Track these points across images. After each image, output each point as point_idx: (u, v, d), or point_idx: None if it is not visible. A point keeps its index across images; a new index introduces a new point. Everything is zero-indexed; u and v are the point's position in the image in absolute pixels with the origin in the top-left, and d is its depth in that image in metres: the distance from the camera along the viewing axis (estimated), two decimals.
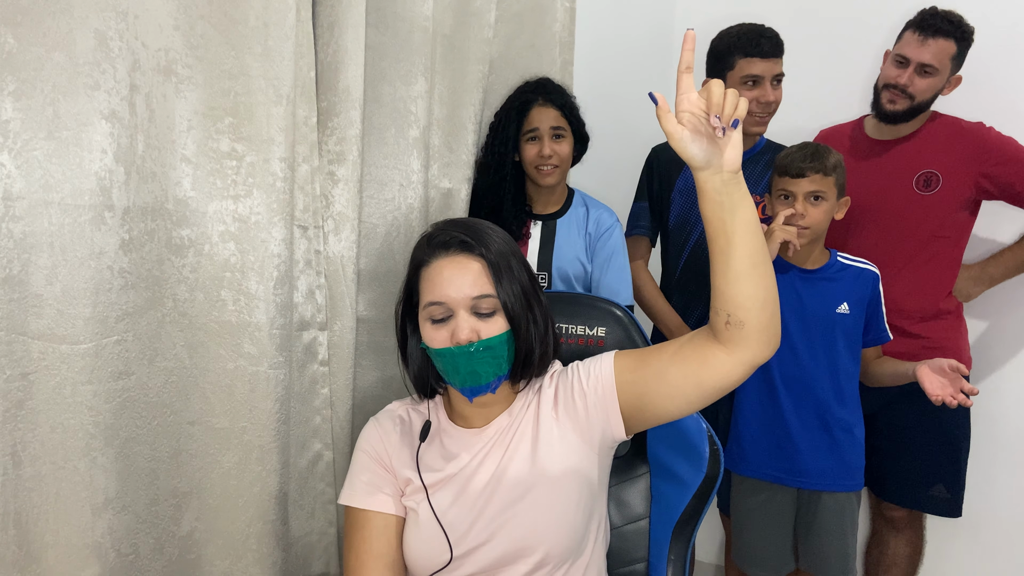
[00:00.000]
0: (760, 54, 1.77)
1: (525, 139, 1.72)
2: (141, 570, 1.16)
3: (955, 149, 1.86)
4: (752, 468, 1.72)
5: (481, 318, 1.08)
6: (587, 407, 1.11)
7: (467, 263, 1.09)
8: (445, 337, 1.08)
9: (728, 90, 0.90)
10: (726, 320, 0.99)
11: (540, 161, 1.71)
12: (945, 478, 1.89)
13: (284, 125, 1.21)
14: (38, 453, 1.03)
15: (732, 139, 0.94)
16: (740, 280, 0.97)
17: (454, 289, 1.08)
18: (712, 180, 0.95)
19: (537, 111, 1.71)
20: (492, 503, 1.08)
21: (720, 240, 0.98)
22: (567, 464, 1.09)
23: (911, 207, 1.87)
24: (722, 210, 0.96)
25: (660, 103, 0.94)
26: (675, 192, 1.95)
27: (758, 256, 0.97)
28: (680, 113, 0.94)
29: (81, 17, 1.00)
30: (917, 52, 1.79)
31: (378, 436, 1.18)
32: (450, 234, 1.11)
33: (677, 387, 1.05)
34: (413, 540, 1.10)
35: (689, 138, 0.94)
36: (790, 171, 1.62)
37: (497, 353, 1.08)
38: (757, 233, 0.97)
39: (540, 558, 1.06)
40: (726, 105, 0.89)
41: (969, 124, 1.88)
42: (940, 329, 1.90)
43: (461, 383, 1.09)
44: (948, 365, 1.52)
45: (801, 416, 1.66)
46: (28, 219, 0.98)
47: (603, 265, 1.76)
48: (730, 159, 0.94)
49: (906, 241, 1.88)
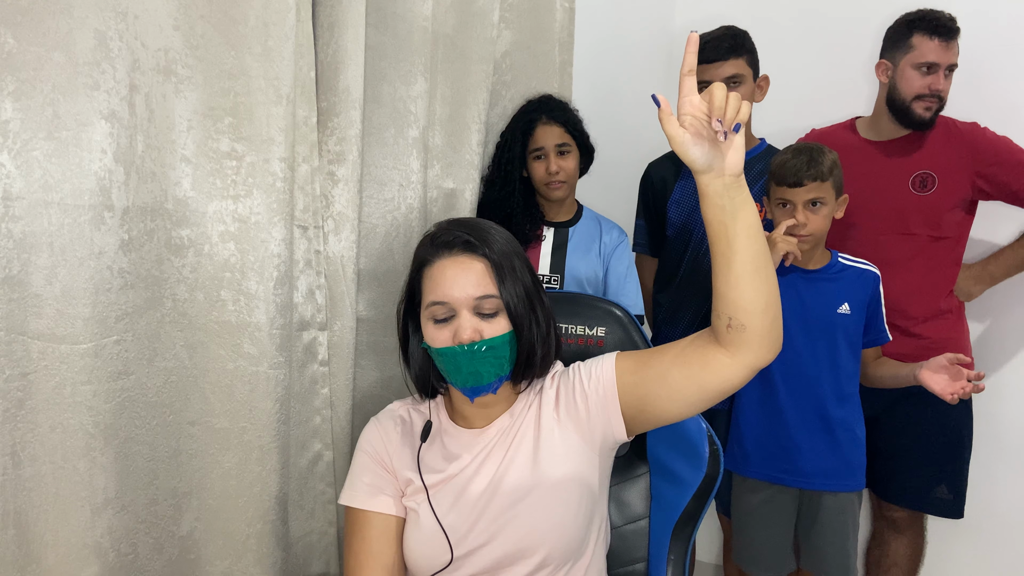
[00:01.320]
0: (705, 60, 1.79)
1: (532, 157, 1.77)
2: (141, 570, 1.16)
3: (950, 150, 1.85)
4: (753, 469, 1.72)
5: (484, 318, 1.08)
6: (588, 408, 1.11)
7: (470, 263, 1.09)
8: (447, 337, 1.08)
9: (730, 94, 0.90)
10: (727, 323, 0.99)
11: (548, 178, 1.75)
12: (948, 479, 1.88)
13: (284, 125, 1.21)
14: (38, 453, 1.03)
15: (734, 143, 0.94)
16: (741, 284, 0.97)
17: (457, 289, 1.07)
18: (714, 184, 0.95)
19: (541, 130, 1.74)
20: (493, 504, 1.08)
21: (721, 243, 0.97)
22: (568, 465, 1.09)
23: (908, 208, 1.87)
24: (723, 214, 0.96)
25: (663, 106, 0.94)
26: (671, 203, 1.98)
27: (760, 260, 0.97)
28: (682, 116, 0.94)
29: (81, 17, 1.00)
30: (946, 56, 1.79)
31: (379, 436, 1.18)
32: (453, 234, 1.11)
33: (678, 389, 1.05)
34: (413, 541, 1.10)
35: (691, 141, 0.94)
36: (787, 180, 1.61)
37: (499, 353, 1.08)
38: (759, 237, 0.97)
39: (541, 559, 1.06)
40: (728, 109, 0.89)
41: (963, 124, 1.88)
42: (941, 329, 1.89)
43: (463, 383, 1.08)
44: (947, 360, 1.52)
45: (802, 416, 1.66)
46: (28, 219, 0.98)
47: (619, 283, 1.82)
48: (732, 163, 0.94)
49: (904, 242, 1.88)
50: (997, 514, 2.12)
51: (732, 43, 1.81)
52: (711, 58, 1.80)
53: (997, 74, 2.03)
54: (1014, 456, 2.10)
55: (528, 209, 1.78)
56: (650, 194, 2.03)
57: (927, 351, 1.84)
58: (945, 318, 1.90)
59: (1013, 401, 2.09)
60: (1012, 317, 2.08)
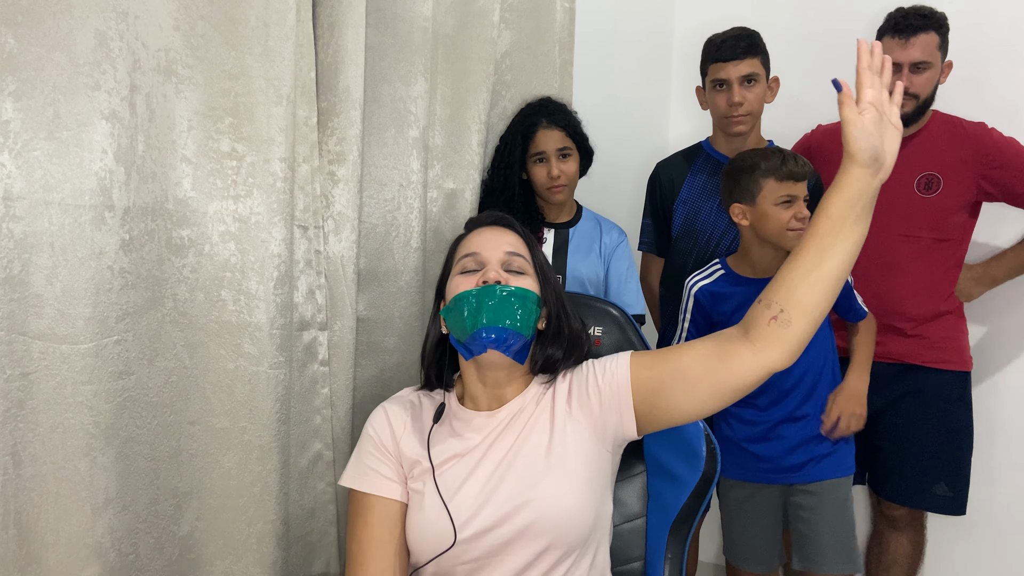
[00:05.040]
0: (722, 58, 1.81)
1: (532, 161, 1.76)
2: (141, 570, 1.16)
3: (955, 151, 1.83)
4: (739, 471, 1.72)
5: (512, 274, 1.13)
6: (601, 404, 1.11)
7: (503, 232, 1.19)
8: (472, 283, 1.11)
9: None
10: (775, 314, 0.99)
11: (550, 183, 1.75)
12: (947, 476, 1.87)
13: (284, 125, 1.21)
14: (38, 453, 1.03)
15: (893, 150, 0.98)
16: (818, 285, 0.98)
17: (490, 246, 1.15)
18: (863, 180, 0.97)
19: (543, 134, 1.74)
20: (502, 488, 1.07)
21: (826, 240, 0.98)
22: (580, 457, 1.09)
23: (912, 210, 1.85)
24: (852, 213, 0.97)
25: (844, 89, 0.97)
26: (678, 202, 1.99)
27: (845, 272, 0.99)
28: (863, 104, 0.97)
29: (81, 17, 1.00)
30: (905, 54, 1.77)
31: (386, 420, 1.17)
32: (488, 215, 1.25)
33: (693, 384, 1.05)
34: (417, 522, 1.09)
35: (866, 129, 0.96)
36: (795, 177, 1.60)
37: (523, 305, 1.09)
38: (857, 254, 0.99)
39: (545, 547, 1.05)
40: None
41: (971, 125, 1.86)
42: (939, 328, 1.89)
43: (482, 323, 1.07)
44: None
45: (778, 414, 1.66)
46: (28, 219, 0.99)
47: (620, 283, 1.82)
48: (888, 168, 0.98)
49: (907, 244, 1.87)
50: (997, 513, 2.12)
51: (748, 43, 1.82)
52: (728, 56, 1.81)
53: (997, 74, 2.03)
54: (1013, 455, 2.10)
55: (528, 211, 1.78)
56: (658, 193, 2.04)
57: (925, 351, 1.84)
58: (944, 318, 1.90)
59: (1013, 401, 2.09)
60: (1012, 318, 2.08)
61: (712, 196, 1.93)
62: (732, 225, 1.95)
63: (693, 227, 1.96)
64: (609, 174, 2.15)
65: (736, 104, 1.82)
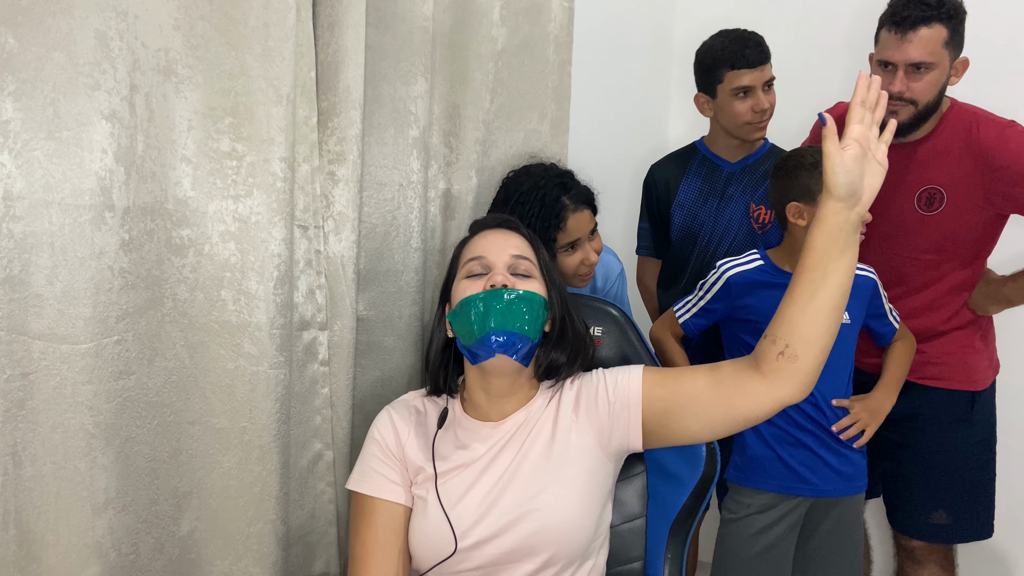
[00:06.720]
0: (747, 64, 1.77)
1: (563, 250, 1.54)
2: (141, 570, 1.16)
3: (960, 161, 1.58)
4: (759, 480, 1.68)
5: (519, 278, 1.13)
6: (610, 414, 1.11)
7: (508, 235, 1.19)
8: (479, 287, 1.11)
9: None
10: (782, 350, 1.00)
11: (585, 269, 1.57)
12: (947, 502, 1.73)
13: (284, 125, 1.21)
14: (38, 453, 1.03)
15: (873, 186, 0.98)
16: (817, 317, 0.99)
17: (496, 249, 1.14)
18: (841, 215, 0.97)
19: (574, 220, 1.51)
20: (504, 499, 1.07)
21: (815, 273, 0.99)
22: (582, 466, 1.09)
23: (911, 227, 1.67)
24: (835, 246, 0.98)
25: (829, 124, 0.97)
26: (675, 206, 1.97)
27: (841, 301, 1.00)
28: (847, 139, 0.97)
29: (81, 17, 1.00)
30: (901, 52, 1.51)
31: (391, 425, 1.18)
32: (493, 218, 1.26)
33: (706, 409, 1.06)
34: (419, 529, 1.10)
35: (845, 165, 0.96)
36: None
37: (530, 308, 1.09)
38: (851, 280, 1.00)
39: (547, 558, 1.05)
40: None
41: (988, 127, 1.56)
42: (941, 345, 1.77)
43: (490, 326, 1.06)
44: None
45: (802, 428, 1.63)
46: (28, 219, 0.99)
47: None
48: (865, 203, 0.98)
49: (906, 264, 1.71)
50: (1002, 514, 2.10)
51: (765, 49, 1.81)
52: (755, 62, 1.76)
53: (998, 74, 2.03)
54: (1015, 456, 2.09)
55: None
56: (653, 196, 2.02)
57: (927, 366, 1.75)
58: (950, 336, 1.76)
59: (1014, 401, 2.08)
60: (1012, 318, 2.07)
61: (710, 198, 1.93)
62: (732, 227, 1.95)
63: (692, 230, 1.95)
64: (608, 174, 2.14)
65: (763, 110, 1.80)
